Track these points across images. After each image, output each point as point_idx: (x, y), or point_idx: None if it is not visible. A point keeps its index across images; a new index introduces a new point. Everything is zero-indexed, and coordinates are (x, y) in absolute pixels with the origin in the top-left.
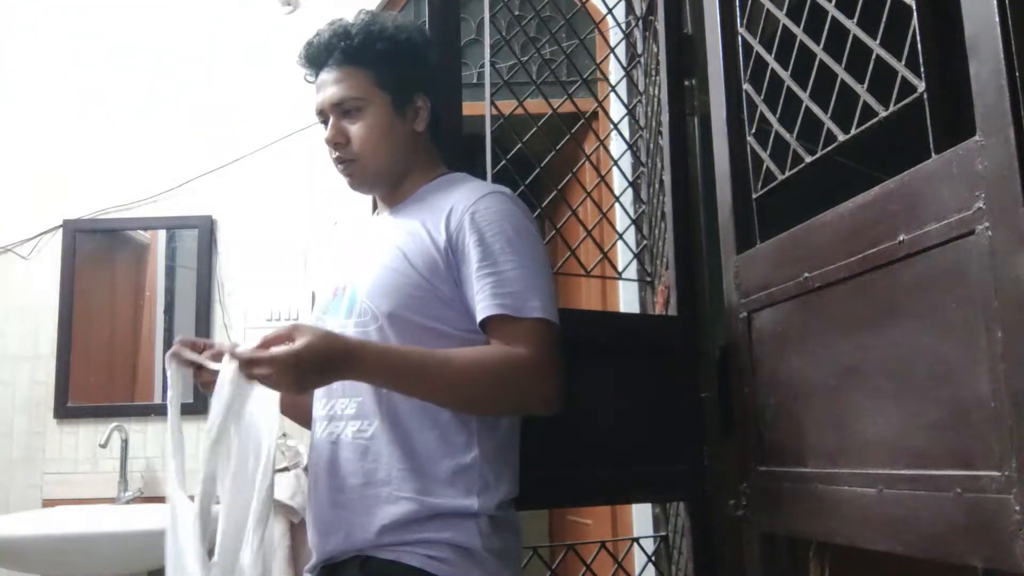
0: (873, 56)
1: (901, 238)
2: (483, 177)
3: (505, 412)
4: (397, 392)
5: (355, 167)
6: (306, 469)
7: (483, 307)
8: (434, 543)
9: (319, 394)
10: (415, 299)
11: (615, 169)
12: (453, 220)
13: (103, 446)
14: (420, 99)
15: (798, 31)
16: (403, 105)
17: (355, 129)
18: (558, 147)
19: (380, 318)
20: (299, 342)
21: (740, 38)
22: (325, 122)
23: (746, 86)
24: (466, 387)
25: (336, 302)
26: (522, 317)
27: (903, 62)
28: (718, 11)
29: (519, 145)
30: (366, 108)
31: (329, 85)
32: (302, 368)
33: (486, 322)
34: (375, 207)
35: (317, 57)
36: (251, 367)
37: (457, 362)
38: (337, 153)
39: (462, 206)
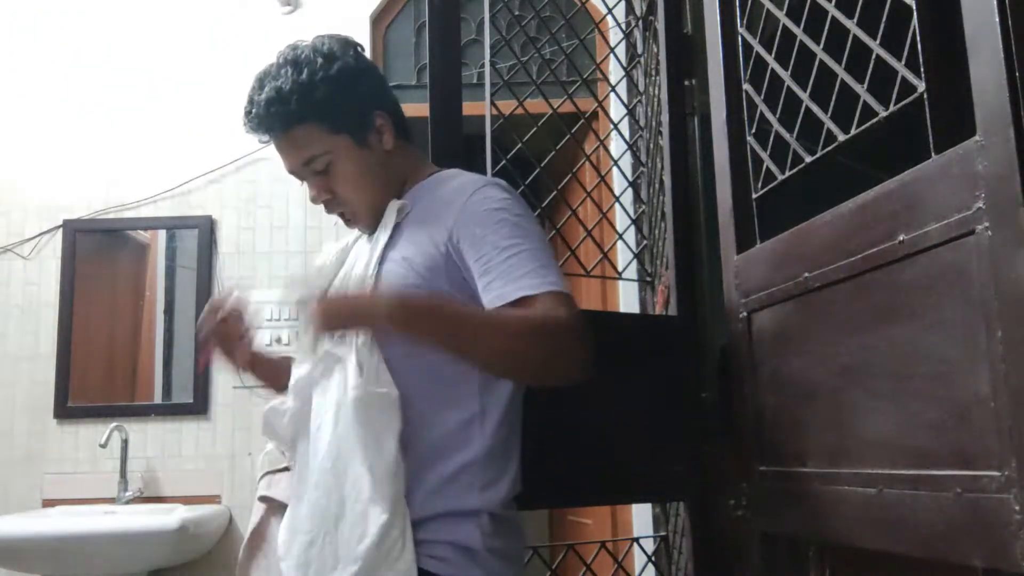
0: (873, 56)
1: (901, 238)
2: None
3: (541, 373)
4: (433, 342)
5: (352, 213)
6: None
7: (499, 294)
8: (435, 543)
9: None
10: None
11: (615, 169)
12: (451, 216)
13: (103, 446)
14: (379, 117)
15: (798, 31)
16: (364, 136)
17: (334, 182)
18: (558, 147)
19: None
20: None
21: (740, 38)
22: (302, 179)
23: (746, 86)
24: (510, 339)
25: None
26: (541, 292)
27: (903, 62)
28: (718, 11)
29: (519, 145)
30: (333, 159)
31: (287, 151)
32: (340, 298)
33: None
34: None
35: (261, 127)
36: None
37: (500, 315)
38: (329, 208)
39: (458, 201)
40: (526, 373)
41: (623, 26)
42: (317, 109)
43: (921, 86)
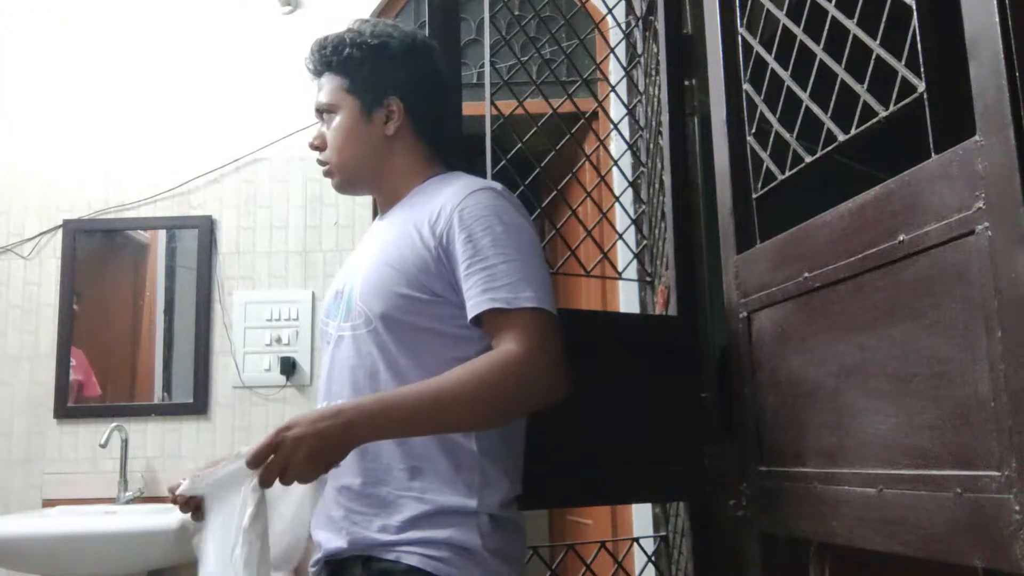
0: (873, 56)
1: (901, 238)
2: (483, 177)
3: (516, 415)
4: (406, 436)
5: (328, 169)
6: None
7: (475, 303)
8: (434, 543)
9: (319, 397)
10: (407, 299)
11: (615, 169)
12: (442, 219)
13: (103, 446)
14: (393, 102)
15: (798, 31)
16: (371, 109)
17: (329, 134)
18: (558, 147)
19: (374, 320)
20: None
21: (740, 38)
22: (320, 121)
23: (746, 86)
24: (469, 406)
25: (336, 306)
26: (514, 308)
27: (903, 62)
28: (718, 11)
29: (519, 145)
30: (336, 113)
31: (317, 92)
32: (302, 432)
33: (481, 317)
34: (375, 212)
35: (310, 66)
36: (259, 464)
37: (451, 385)
38: (317, 157)
39: (450, 205)
40: (502, 420)
41: (623, 26)
42: (343, 66)
43: (921, 86)
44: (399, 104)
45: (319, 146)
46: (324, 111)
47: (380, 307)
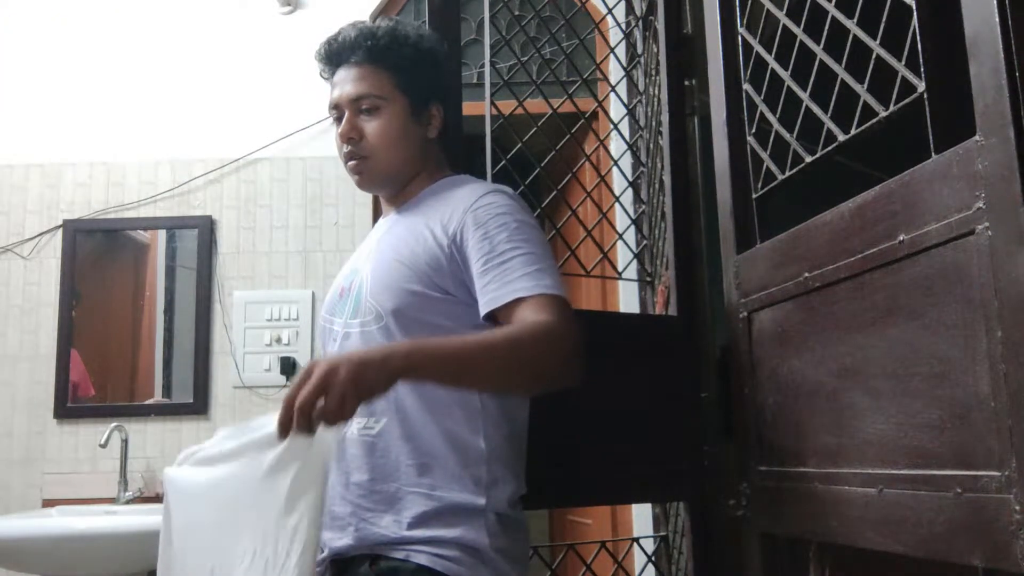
0: (873, 56)
1: (901, 238)
2: (483, 177)
3: (548, 380)
4: (447, 383)
5: (366, 164)
6: None
7: (494, 297)
8: (442, 542)
9: None
10: (419, 296)
11: (615, 169)
12: (456, 219)
13: (103, 446)
14: (435, 107)
15: (798, 31)
16: (419, 111)
17: (371, 127)
18: (558, 147)
19: (385, 316)
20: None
21: (740, 38)
22: (339, 119)
23: (746, 86)
24: (512, 360)
25: (342, 303)
26: (536, 294)
27: (903, 62)
28: (718, 11)
29: (519, 145)
30: (385, 108)
31: (349, 82)
32: (351, 364)
33: (501, 311)
34: (375, 211)
35: (339, 54)
36: (304, 403)
37: (496, 338)
38: (349, 148)
39: (464, 205)
40: (520, 386)
41: (623, 26)
42: (398, 62)
43: (921, 86)
44: (439, 110)
45: (356, 137)
46: (366, 101)
47: (392, 303)
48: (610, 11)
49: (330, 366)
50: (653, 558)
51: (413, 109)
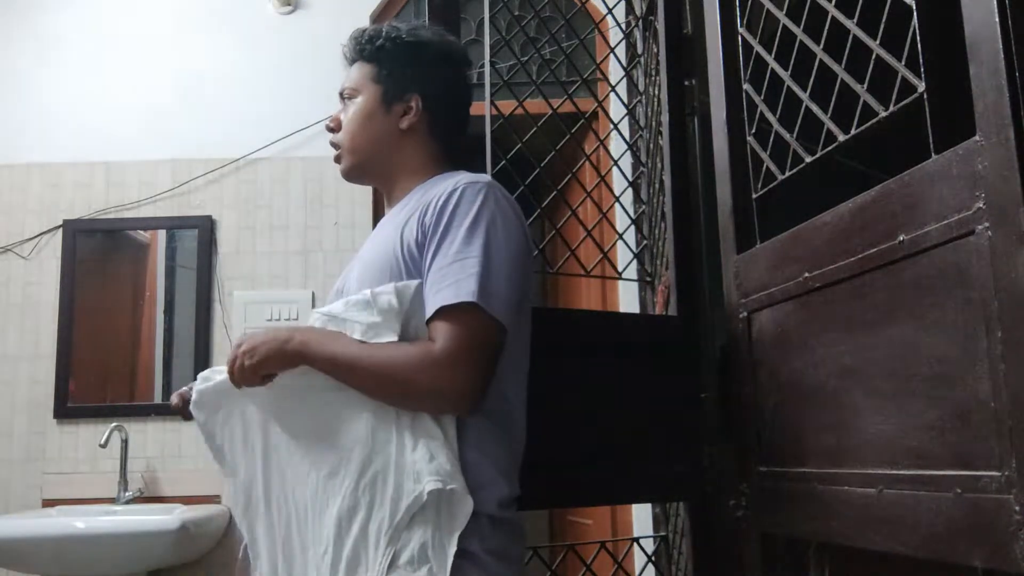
0: (873, 56)
1: (901, 238)
2: None
3: (416, 405)
4: (333, 377)
5: (338, 153)
6: None
7: (431, 303)
8: None
9: None
10: None
11: (615, 169)
12: (428, 215)
13: (103, 446)
14: (413, 99)
15: (798, 31)
16: (392, 100)
17: (344, 116)
18: (558, 147)
19: None
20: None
21: (740, 38)
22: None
23: (746, 86)
24: (376, 382)
25: (335, 301)
26: (454, 304)
27: (903, 62)
28: (718, 11)
29: (519, 145)
30: (356, 98)
31: (347, 76)
32: (251, 339)
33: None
34: (375, 211)
35: (346, 55)
36: (228, 366)
37: (368, 356)
38: (330, 138)
39: (436, 201)
40: (388, 402)
41: (623, 26)
42: (376, 54)
43: (921, 86)
44: (419, 102)
45: (334, 128)
46: (347, 95)
47: None
48: (610, 11)
49: (240, 340)
50: (653, 558)
51: (384, 98)
